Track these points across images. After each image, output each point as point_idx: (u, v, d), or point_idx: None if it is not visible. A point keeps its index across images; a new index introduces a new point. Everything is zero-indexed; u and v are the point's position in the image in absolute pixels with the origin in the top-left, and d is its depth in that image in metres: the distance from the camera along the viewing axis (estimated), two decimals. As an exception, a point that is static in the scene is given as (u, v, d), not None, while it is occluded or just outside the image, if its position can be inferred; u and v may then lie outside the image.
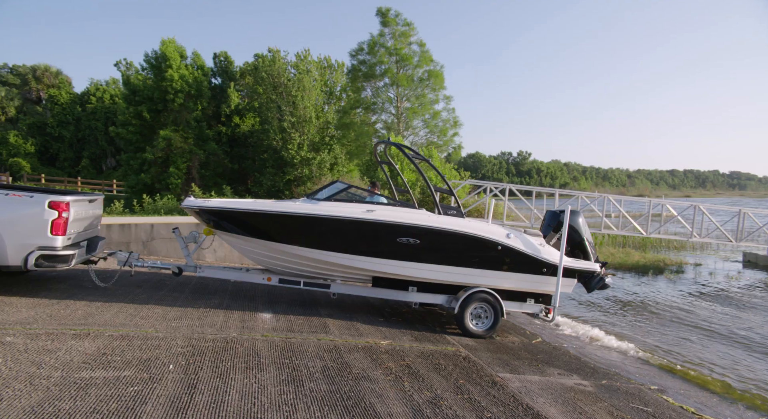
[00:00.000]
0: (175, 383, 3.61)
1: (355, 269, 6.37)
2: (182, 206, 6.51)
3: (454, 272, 6.32)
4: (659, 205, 16.03)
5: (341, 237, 6.14)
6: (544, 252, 6.39)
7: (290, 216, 6.08)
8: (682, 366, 6.60)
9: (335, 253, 6.19)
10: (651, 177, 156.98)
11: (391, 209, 6.30)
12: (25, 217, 5.28)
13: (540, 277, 6.42)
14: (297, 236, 6.16)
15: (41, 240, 5.34)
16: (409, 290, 6.54)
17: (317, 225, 6.08)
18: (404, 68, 22.48)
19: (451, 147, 23.13)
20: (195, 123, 26.35)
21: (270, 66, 25.25)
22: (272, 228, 6.19)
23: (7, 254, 5.24)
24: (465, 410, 3.74)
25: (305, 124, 24.98)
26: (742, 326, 8.97)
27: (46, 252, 5.37)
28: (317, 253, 6.20)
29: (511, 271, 6.38)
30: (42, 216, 5.32)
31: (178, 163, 24.68)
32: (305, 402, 3.51)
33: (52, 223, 5.35)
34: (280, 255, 6.41)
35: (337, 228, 6.09)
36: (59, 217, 5.39)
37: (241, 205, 6.30)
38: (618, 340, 7.53)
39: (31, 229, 5.30)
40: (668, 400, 4.92)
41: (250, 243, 6.44)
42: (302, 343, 4.98)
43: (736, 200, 72.59)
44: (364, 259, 6.22)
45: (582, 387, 4.89)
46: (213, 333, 5.00)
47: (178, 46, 26.65)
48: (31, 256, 5.32)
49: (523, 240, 6.38)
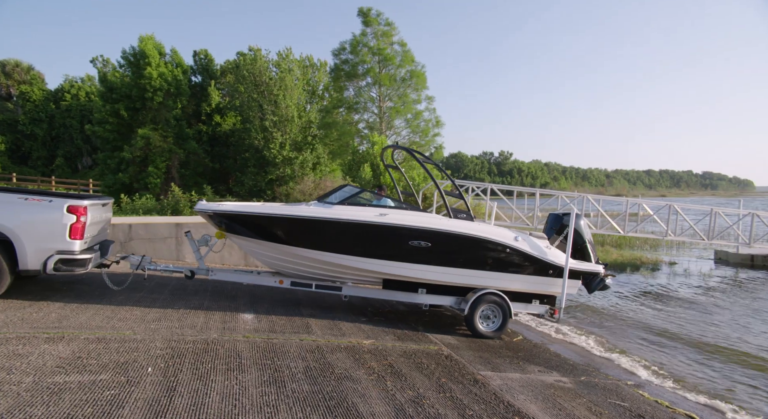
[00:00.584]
0: (154, 386, 3.55)
1: (366, 271, 6.44)
2: (195, 209, 6.52)
3: (464, 274, 6.42)
4: (636, 205, 16.40)
5: (355, 241, 6.21)
6: (550, 255, 6.54)
7: (305, 219, 6.11)
8: (651, 363, 6.76)
9: (348, 256, 6.25)
10: (628, 177, 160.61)
11: (402, 213, 6.39)
12: (45, 222, 5.29)
13: (546, 279, 6.57)
14: (311, 239, 6.19)
15: (60, 244, 5.34)
16: (419, 292, 6.61)
17: (331, 228, 6.13)
18: (386, 68, 22.50)
19: (432, 147, 23.24)
20: (174, 121, 25.91)
21: (251, 64, 24.98)
22: (286, 231, 6.21)
23: (27, 258, 5.25)
24: (447, 408, 3.77)
25: (287, 124, 24.79)
26: (711, 322, 9.25)
27: (65, 257, 5.37)
28: (330, 256, 6.26)
29: (518, 273, 6.51)
30: (61, 220, 5.32)
31: (157, 162, 24.23)
32: (287, 403, 3.49)
33: (71, 227, 5.36)
34: (292, 258, 6.43)
35: (350, 231, 6.15)
36: (77, 221, 5.39)
37: (256, 209, 6.33)
38: (597, 338, 7.67)
39: (50, 233, 5.30)
40: (644, 395, 5.04)
41: (263, 247, 6.44)
42: (284, 344, 4.94)
43: (708, 199, 74.73)
44: (376, 262, 6.28)
45: (561, 384, 4.97)
46: (193, 335, 4.92)
47: (156, 43, 26.16)
48: (50, 260, 5.32)
49: (530, 242, 6.51)
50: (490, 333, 6.50)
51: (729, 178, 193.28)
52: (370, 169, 16.56)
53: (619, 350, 7.08)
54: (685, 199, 65.15)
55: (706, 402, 5.35)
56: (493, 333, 6.52)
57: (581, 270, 6.68)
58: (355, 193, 6.59)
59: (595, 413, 4.24)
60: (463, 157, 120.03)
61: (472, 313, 6.39)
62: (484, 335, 6.46)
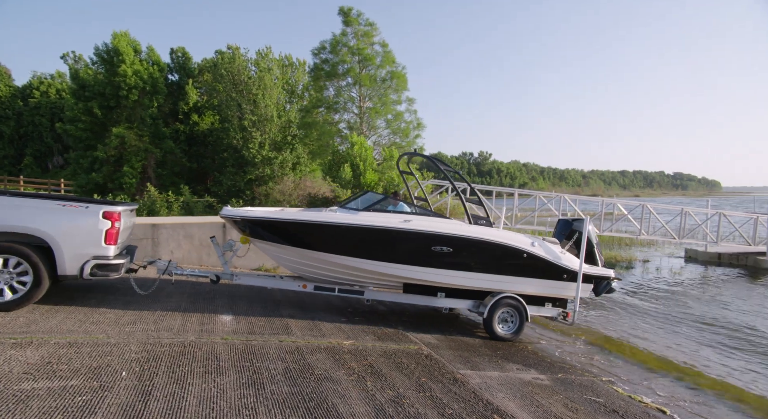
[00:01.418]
0: (128, 390, 3.46)
1: (389, 276, 6.59)
2: (221, 215, 6.65)
3: (483, 278, 6.61)
4: (611, 205, 16.78)
5: (380, 246, 6.36)
6: (564, 259, 6.77)
7: (334, 226, 6.25)
8: (626, 359, 6.93)
9: (373, 261, 6.39)
10: (604, 177, 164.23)
11: (425, 219, 6.58)
12: (82, 228, 5.38)
13: (561, 283, 6.79)
14: (338, 245, 6.33)
15: (96, 249, 5.44)
16: (438, 296, 6.79)
17: (359, 234, 6.28)
18: (367, 68, 22.47)
19: (413, 148, 23.31)
20: (151, 120, 25.34)
21: (230, 63, 24.61)
22: (314, 237, 6.34)
23: (66, 263, 5.32)
24: (427, 407, 3.79)
25: (266, 123, 24.52)
26: (686, 312, 9.54)
27: (101, 262, 5.46)
28: (356, 261, 6.39)
29: (534, 277, 6.71)
30: (97, 226, 5.42)
31: (132, 161, 23.65)
32: (266, 406, 3.45)
33: (106, 233, 5.46)
34: (318, 263, 6.56)
35: (377, 237, 6.31)
36: (112, 227, 5.50)
37: (284, 215, 6.46)
38: (575, 336, 7.83)
39: (87, 239, 5.40)
40: (618, 390, 5.17)
41: (288, 252, 6.56)
42: (263, 345, 4.89)
43: (678, 199, 77.02)
44: (399, 267, 6.44)
45: (539, 381, 5.05)
46: (170, 338, 4.82)
47: (131, 40, 25.54)
48: (87, 266, 5.40)
49: (545, 248, 6.72)
50: (508, 336, 6.73)
51: (698, 179, 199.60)
52: (350, 169, 16.52)
53: (596, 347, 7.23)
54: (657, 199, 67.00)
55: (666, 392, 5.51)
56: (510, 335, 6.74)
57: (594, 274, 6.94)
58: (379, 200, 6.80)
59: (571, 409, 4.32)
60: (443, 157, 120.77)
61: (490, 317, 6.62)
62: (503, 338, 6.69)
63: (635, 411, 4.52)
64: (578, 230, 7.01)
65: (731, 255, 16.51)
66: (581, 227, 6.92)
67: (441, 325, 7.16)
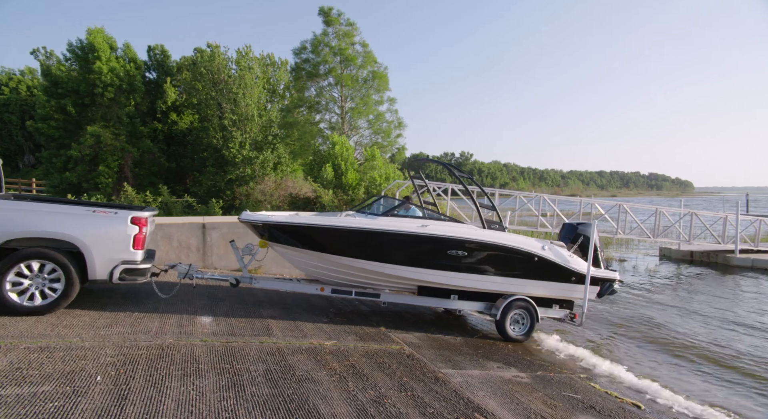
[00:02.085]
0: (104, 395, 3.38)
1: (405, 279, 6.72)
2: (240, 219, 6.72)
3: (495, 281, 6.81)
4: (589, 204, 17.12)
5: (399, 250, 6.50)
6: (573, 263, 7.01)
7: (354, 230, 6.38)
8: (603, 356, 7.08)
9: (391, 265, 6.52)
10: (582, 177, 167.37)
11: (441, 223, 6.73)
12: (111, 233, 5.49)
13: (569, 285, 7.02)
14: (357, 249, 6.45)
15: (125, 254, 5.55)
16: (451, 298, 6.93)
17: (378, 238, 6.41)
18: (348, 68, 22.40)
19: (395, 148, 23.36)
20: (127, 119, 24.77)
21: (209, 61, 24.23)
22: (334, 241, 6.44)
23: (96, 268, 5.43)
24: (408, 407, 3.80)
25: (247, 122, 24.24)
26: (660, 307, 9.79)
27: (129, 266, 5.57)
28: (374, 265, 6.50)
29: (544, 280, 6.92)
30: (125, 231, 5.54)
31: (108, 161, 23.09)
32: (246, 408, 3.42)
33: (134, 238, 5.59)
34: (336, 267, 6.66)
35: (396, 241, 6.45)
36: (140, 232, 5.63)
37: (306, 220, 6.57)
38: (554, 333, 7.95)
39: (116, 244, 5.51)
40: (595, 387, 5.28)
41: (306, 255, 6.66)
42: (244, 347, 4.83)
43: (653, 199, 79.00)
44: (416, 270, 6.58)
45: (519, 379, 5.12)
46: (147, 340, 4.73)
47: (107, 36, 24.94)
48: (116, 270, 5.51)
49: (554, 251, 6.94)
50: (520, 337, 6.93)
51: (672, 179, 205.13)
52: (331, 170, 16.45)
53: (574, 344, 7.35)
54: (633, 199, 68.56)
55: (648, 388, 5.64)
56: (522, 336, 6.94)
57: (600, 277, 7.19)
58: (397, 205, 7.05)
59: (550, 406, 4.39)
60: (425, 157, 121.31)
61: (503, 318, 6.79)
62: (514, 339, 6.88)
63: (611, 407, 4.62)
64: (583, 233, 7.25)
65: (702, 253, 17.02)
66: (586, 230, 7.21)
67: (423, 325, 7.19)
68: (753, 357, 7.23)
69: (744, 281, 13.62)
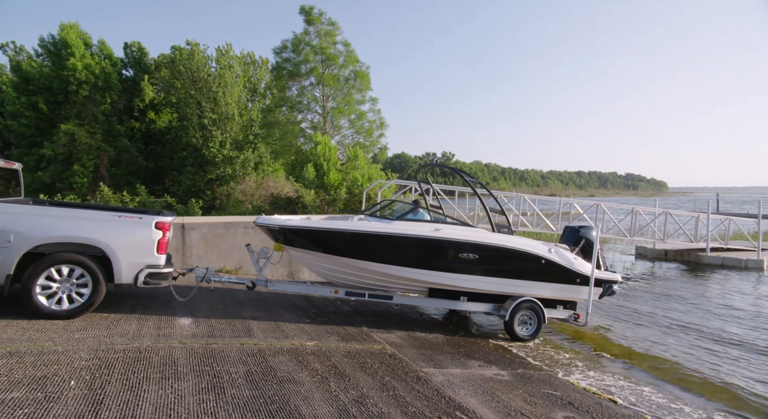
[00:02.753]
0: (77, 400, 3.30)
1: (418, 282, 6.89)
2: (256, 223, 6.86)
3: (504, 283, 7.00)
4: (568, 204, 17.41)
5: (413, 254, 6.67)
6: (577, 265, 7.23)
7: (371, 235, 6.54)
8: (580, 352, 7.22)
9: (404, 268, 6.69)
10: (562, 178, 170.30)
11: (453, 227, 6.97)
12: (137, 238, 5.57)
13: (574, 287, 7.22)
14: (372, 252, 6.61)
15: (149, 258, 5.63)
16: (461, 300, 7.11)
17: (393, 242, 6.56)
18: (330, 68, 22.32)
19: (377, 147, 23.36)
20: (103, 117, 24.20)
21: (188, 59, 23.84)
22: (350, 245, 6.58)
23: (122, 272, 5.49)
24: (390, 407, 3.81)
25: (227, 122, 23.94)
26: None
27: (153, 270, 5.65)
28: (388, 268, 6.66)
29: (551, 282, 7.12)
30: (150, 236, 5.62)
31: (83, 160, 22.53)
32: (226, 410, 3.37)
33: (158, 243, 5.67)
34: (350, 270, 6.82)
35: (410, 245, 6.62)
36: (163, 237, 5.72)
37: (321, 224, 6.74)
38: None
39: (141, 249, 5.59)
40: (574, 383, 5.37)
41: (321, 259, 6.79)
42: (224, 349, 4.77)
43: (630, 199, 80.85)
44: (429, 273, 6.74)
45: (500, 377, 5.18)
46: (124, 343, 4.63)
47: (81, 32, 24.30)
48: (141, 274, 5.58)
49: (560, 254, 7.16)
50: (527, 337, 7.12)
51: (647, 180, 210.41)
52: (313, 169, 16.35)
53: (553, 342, 7.47)
54: (610, 199, 70.10)
55: (623, 384, 5.78)
56: (529, 336, 7.13)
57: (603, 278, 7.44)
58: (410, 209, 7.23)
59: (530, 403, 4.46)
60: (407, 158, 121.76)
61: (512, 319, 6.97)
62: (522, 339, 7.08)
63: (589, 403, 4.71)
64: (585, 236, 7.58)
65: (676, 252, 17.49)
66: (588, 233, 7.57)
67: (405, 324, 7.21)
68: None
69: (713, 278, 14.05)
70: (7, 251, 5.06)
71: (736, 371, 6.52)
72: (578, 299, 7.44)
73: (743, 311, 9.93)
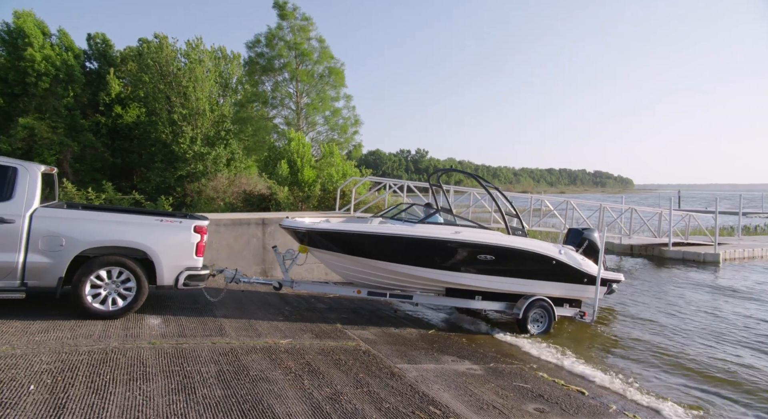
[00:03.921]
0: (37, 405, 3.17)
1: (437, 282, 7.19)
2: (282, 226, 7.11)
3: (518, 283, 7.38)
4: (539, 201, 17.78)
5: (434, 255, 6.95)
6: (585, 265, 7.71)
7: (395, 237, 6.81)
8: (550, 346, 7.40)
9: (425, 269, 6.97)
10: (533, 175, 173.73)
11: (472, 230, 7.28)
12: (177, 241, 5.78)
13: (581, 286, 7.72)
14: (395, 254, 6.87)
15: (189, 261, 5.84)
16: (476, 298, 7.41)
17: (416, 244, 6.85)
18: (304, 63, 22.06)
19: (351, 144, 23.25)
20: (66, 111, 23.24)
21: (157, 53, 23.13)
22: (374, 247, 6.85)
23: (164, 275, 5.69)
24: (364, 403, 3.82)
25: (198, 117, 23.38)
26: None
27: (192, 273, 5.84)
28: (409, 269, 6.94)
29: (560, 281, 7.58)
30: (189, 239, 5.84)
31: (44, 155, 21.57)
32: (197, 410, 3.31)
33: (197, 246, 5.89)
34: (373, 271, 7.07)
35: (431, 247, 6.90)
36: (201, 240, 5.95)
37: (349, 228, 6.95)
38: (506, 326, 8.21)
39: (181, 252, 5.79)
40: (544, 376, 5.51)
41: (345, 260, 7.05)
42: (195, 348, 4.68)
43: (598, 196, 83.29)
44: (448, 273, 7.06)
45: (472, 372, 5.26)
46: (89, 345, 4.47)
47: (37, 20, 23.21)
48: (181, 276, 5.77)
49: (569, 255, 7.64)
50: (538, 335, 7.39)
51: (615, 177, 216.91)
52: (287, 166, 16.16)
53: (526, 336, 7.63)
54: (579, 196, 71.95)
55: (586, 374, 5.95)
56: (541, 334, 7.41)
57: (608, 278, 7.96)
58: (432, 213, 7.51)
59: (501, 396, 4.55)
60: (382, 155, 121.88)
61: (525, 317, 7.28)
62: (534, 335, 7.35)
63: (558, 394, 4.84)
64: (588, 238, 8.14)
65: (641, 247, 18.11)
66: (590, 235, 8.15)
67: (379, 321, 7.23)
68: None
69: (672, 271, 14.63)
70: (59, 254, 5.26)
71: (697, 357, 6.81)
72: (583, 297, 7.89)
73: (697, 302, 10.38)
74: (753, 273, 14.14)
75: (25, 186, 5.23)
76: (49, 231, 5.25)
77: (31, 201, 5.25)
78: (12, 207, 5.13)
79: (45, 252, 5.21)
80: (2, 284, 5.10)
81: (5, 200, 5.13)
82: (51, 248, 5.23)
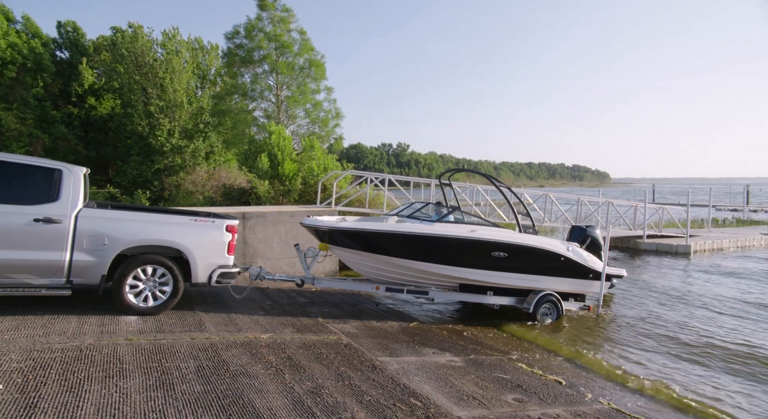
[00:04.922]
0: (6, 405, 3.08)
1: (452, 278, 7.47)
2: (303, 224, 7.34)
3: (529, 279, 7.69)
4: (519, 194, 18.01)
5: (451, 252, 7.20)
6: (590, 262, 8.08)
7: (414, 235, 7.04)
8: (529, 337, 7.54)
9: (441, 265, 7.23)
10: (513, 169, 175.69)
11: (486, 228, 7.63)
12: (210, 240, 5.97)
13: (586, 281, 8.10)
14: (413, 252, 7.11)
15: (221, 259, 6.04)
16: (488, 294, 7.71)
17: (435, 242, 7.09)
18: (284, 55, 21.76)
19: (332, 138, 23.10)
20: (35, 102, 22.45)
21: (131, 43, 22.49)
22: (393, 245, 7.08)
23: (198, 273, 5.88)
24: (345, 396, 3.83)
25: (176, 109, 22.88)
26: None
27: (224, 270, 6.05)
28: (426, 265, 7.19)
29: (568, 277, 7.95)
30: (221, 238, 6.05)
31: (13, 147, 20.81)
32: (176, 407, 3.27)
33: (228, 244, 6.09)
34: (391, 267, 7.29)
35: (450, 244, 7.16)
36: (233, 239, 6.15)
37: (371, 226, 7.15)
38: (485, 319, 8.32)
39: (214, 250, 5.99)
40: (523, 366, 5.61)
41: (364, 257, 7.27)
42: (174, 344, 4.61)
43: (576, 189, 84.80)
44: (463, 270, 7.34)
45: (453, 364, 5.32)
46: (62, 342, 4.37)
47: (0, 5, 22.26)
48: (214, 274, 5.97)
49: (576, 252, 7.99)
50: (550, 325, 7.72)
51: (592, 171, 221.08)
52: (267, 159, 15.97)
53: (503, 328, 7.75)
54: (558, 189, 73.15)
55: (563, 364, 6.10)
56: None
57: (612, 274, 8.41)
58: (448, 212, 7.74)
59: (481, 387, 4.61)
60: (363, 148, 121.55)
61: (535, 312, 7.60)
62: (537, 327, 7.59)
63: (536, 384, 4.94)
64: (591, 235, 8.52)
65: (617, 239, 18.53)
66: (593, 233, 8.56)
67: (361, 314, 7.25)
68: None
69: (647, 261, 15.04)
70: (102, 253, 5.45)
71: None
72: (588, 292, 8.29)
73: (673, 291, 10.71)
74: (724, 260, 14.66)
75: (70, 187, 5.40)
76: (93, 230, 5.43)
77: (76, 201, 5.41)
78: (59, 207, 5.28)
79: (89, 251, 5.39)
80: (49, 281, 5.27)
81: (53, 201, 5.27)
82: (95, 247, 5.42)
